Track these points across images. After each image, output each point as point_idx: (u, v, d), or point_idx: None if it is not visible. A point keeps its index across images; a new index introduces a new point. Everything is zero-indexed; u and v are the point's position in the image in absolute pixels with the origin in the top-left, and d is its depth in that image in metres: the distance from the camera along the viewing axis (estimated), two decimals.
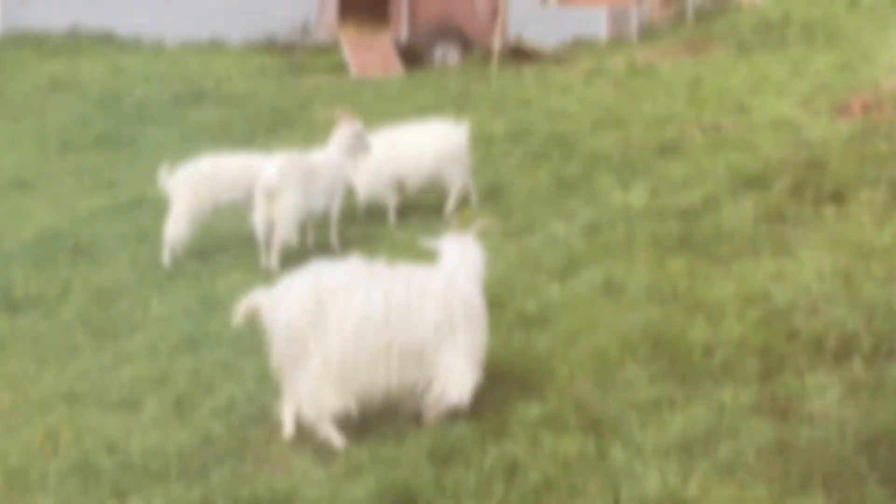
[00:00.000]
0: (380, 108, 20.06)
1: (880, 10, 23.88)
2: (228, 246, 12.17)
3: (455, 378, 6.72)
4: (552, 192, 12.51)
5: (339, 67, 27.25)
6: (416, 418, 6.78)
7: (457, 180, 12.56)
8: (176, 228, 11.55)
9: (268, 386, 7.59)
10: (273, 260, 10.77)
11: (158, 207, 14.02)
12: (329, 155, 11.26)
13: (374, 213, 12.84)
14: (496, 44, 27.05)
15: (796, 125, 14.06)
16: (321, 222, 11.74)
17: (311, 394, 6.63)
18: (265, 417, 7.16)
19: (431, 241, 7.75)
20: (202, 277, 10.86)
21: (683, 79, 19.58)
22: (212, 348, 8.62)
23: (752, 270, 8.70)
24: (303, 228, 11.35)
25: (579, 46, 32.81)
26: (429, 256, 7.63)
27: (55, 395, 8.08)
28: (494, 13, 27.77)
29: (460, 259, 7.42)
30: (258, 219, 10.82)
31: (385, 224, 12.31)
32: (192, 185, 11.68)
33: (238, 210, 12.21)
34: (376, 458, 6.27)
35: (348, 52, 26.54)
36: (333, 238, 11.46)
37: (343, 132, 11.41)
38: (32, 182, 17.02)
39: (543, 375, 7.11)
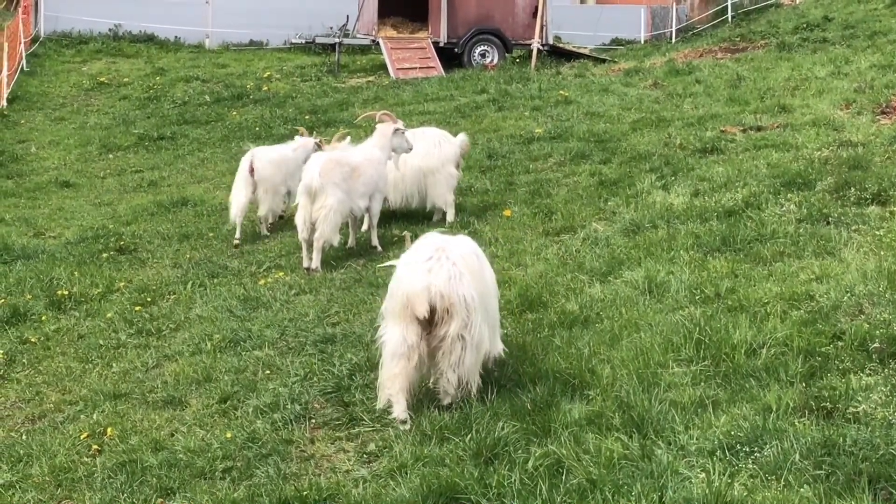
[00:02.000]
0: (419, 109, 20.12)
1: None
2: (270, 245, 12.25)
3: None
4: (592, 193, 12.50)
5: (378, 68, 27.35)
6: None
7: (438, 196, 12.43)
8: (268, 203, 12.72)
9: (312, 385, 7.64)
10: (315, 259, 10.79)
11: (200, 207, 14.16)
12: (370, 154, 11.27)
13: (407, 214, 12.86)
14: (535, 44, 27.03)
15: (838, 125, 13.98)
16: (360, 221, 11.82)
17: (474, 364, 6.96)
18: (309, 416, 7.20)
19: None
20: (244, 277, 10.92)
21: (724, 79, 19.51)
22: (255, 347, 8.67)
23: (795, 271, 8.65)
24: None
25: (618, 46, 32.82)
26: None
27: (100, 393, 8.17)
28: (534, 14, 27.72)
29: None
30: (300, 218, 10.85)
31: (418, 224, 12.30)
32: (278, 167, 12.79)
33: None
34: (420, 458, 6.29)
35: (387, 52, 26.61)
36: (374, 238, 11.48)
37: (384, 131, 11.43)
38: (75, 182, 17.19)
39: (586, 375, 7.11)
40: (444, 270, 6.85)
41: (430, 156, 12.20)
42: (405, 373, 6.83)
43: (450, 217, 12.22)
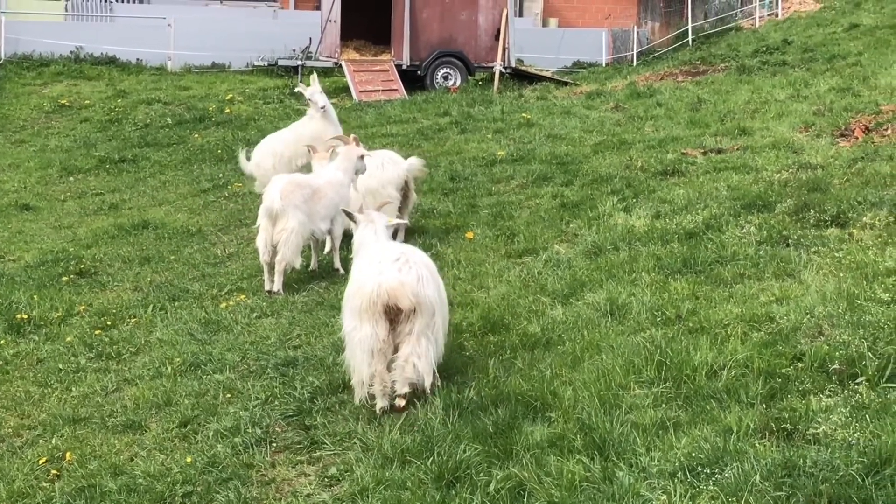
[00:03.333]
0: (382, 131, 20.13)
1: (880, 34, 23.95)
2: (232, 268, 12.19)
3: None
4: (554, 215, 12.52)
5: (341, 90, 27.35)
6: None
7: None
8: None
9: (273, 408, 7.61)
10: (277, 282, 10.77)
11: (161, 230, 14.09)
12: (333, 177, 11.25)
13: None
14: (498, 67, 27.13)
15: (798, 148, 14.09)
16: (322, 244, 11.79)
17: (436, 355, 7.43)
18: (270, 440, 7.17)
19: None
20: (205, 300, 10.87)
21: (684, 101, 19.63)
22: (216, 371, 8.62)
23: (755, 293, 8.69)
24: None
25: (580, 69, 32.96)
26: None
27: (59, 417, 8.11)
28: (496, 36, 27.84)
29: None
30: (261, 241, 10.84)
31: None
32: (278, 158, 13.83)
33: None
34: (382, 481, 6.27)
35: (350, 75, 26.63)
36: (336, 260, 11.46)
37: (348, 154, 11.41)
38: (35, 205, 17.06)
39: (548, 398, 7.10)
40: (414, 271, 7.26)
41: (372, 177, 12.09)
42: (383, 367, 7.19)
43: (399, 238, 12.16)
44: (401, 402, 7.27)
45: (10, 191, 18.26)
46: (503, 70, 27.58)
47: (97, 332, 10.13)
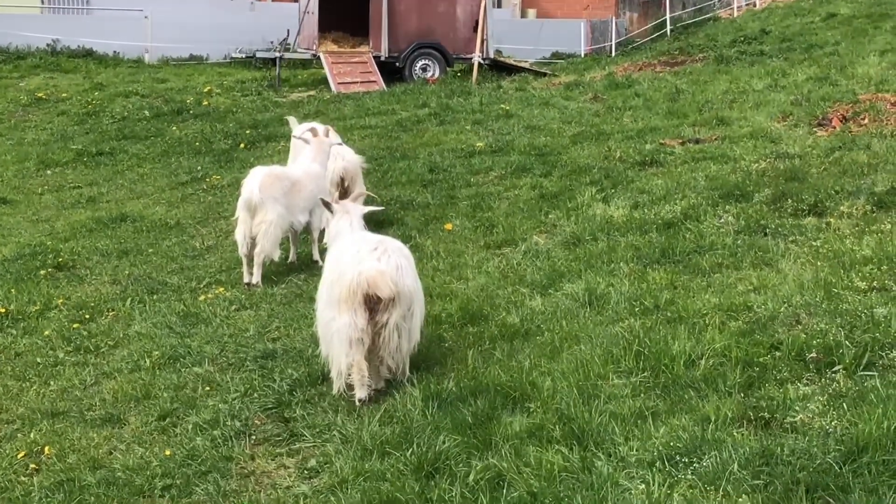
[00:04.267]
0: (360, 123, 20.10)
1: (857, 23, 24.03)
2: (210, 260, 12.16)
3: None
4: (533, 206, 12.54)
5: (320, 82, 27.29)
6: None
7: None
8: None
9: (252, 401, 7.60)
10: (256, 275, 10.75)
11: (139, 223, 14.04)
12: (310, 169, 11.23)
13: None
14: (476, 58, 27.12)
15: (775, 137, 14.13)
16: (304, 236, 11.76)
17: (408, 352, 7.57)
18: (249, 432, 7.16)
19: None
20: (184, 293, 10.84)
21: (663, 92, 19.66)
22: (195, 363, 8.60)
23: (733, 282, 8.72)
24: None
25: (558, 60, 32.99)
26: None
27: (37, 411, 8.06)
28: (475, 28, 27.83)
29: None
30: (240, 234, 10.81)
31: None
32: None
33: None
34: (361, 473, 6.27)
35: (328, 67, 26.57)
36: (315, 253, 11.45)
37: (321, 145, 11.39)
38: (12, 198, 16.97)
39: (527, 388, 7.11)
40: (393, 261, 7.28)
41: None
42: (361, 357, 7.21)
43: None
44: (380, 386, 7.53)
45: None
46: (482, 61, 27.57)
47: (75, 325, 10.09)
